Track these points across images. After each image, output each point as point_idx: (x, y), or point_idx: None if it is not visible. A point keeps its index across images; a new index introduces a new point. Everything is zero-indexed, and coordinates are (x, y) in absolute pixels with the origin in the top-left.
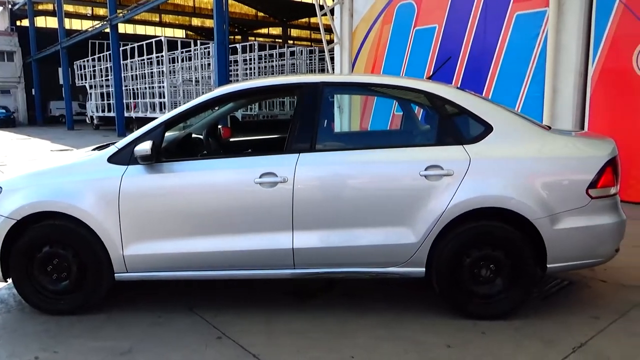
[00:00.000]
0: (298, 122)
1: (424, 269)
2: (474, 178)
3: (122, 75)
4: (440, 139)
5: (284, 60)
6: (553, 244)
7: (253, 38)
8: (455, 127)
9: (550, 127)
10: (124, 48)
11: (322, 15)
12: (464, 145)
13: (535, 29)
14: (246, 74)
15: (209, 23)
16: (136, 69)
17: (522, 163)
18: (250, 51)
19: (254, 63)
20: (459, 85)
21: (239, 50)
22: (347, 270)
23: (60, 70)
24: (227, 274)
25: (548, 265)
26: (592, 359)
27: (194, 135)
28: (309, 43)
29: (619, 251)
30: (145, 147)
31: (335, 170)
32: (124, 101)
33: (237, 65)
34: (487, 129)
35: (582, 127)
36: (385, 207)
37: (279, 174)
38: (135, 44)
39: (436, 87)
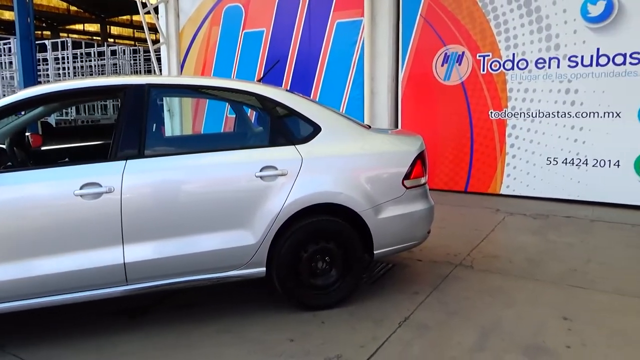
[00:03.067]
0: (123, 126)
1: (264, 269)
2: (307, 176)
3: None
4: (273, 140)
5: (104, 59)
6: (378, 232)
7: (66, 34)
8: (286, 128)
9: (370, 126)
10: None
11: (145, 14)
12: (296, 146)
13: (354, 36)
14: (59, 74)
15: (8, 15)
16: None
17: (348, 160)
18: (63, 49)
19: (68, 62)
20: (288, 88)
21: (49, 47)
22: (186, 279)
23: None
24: (47, 301)
25: (375, 252)
26: (414, 330)
27: None
28: (133, 42)
29: (430, 233)
30: None
31: (167, 176)
32: None
33: (46, 64)
34: (316, 129)
35: (396, 125)
36: (222, 211)
37: (104, 184)
38: None
39: (266, 90)
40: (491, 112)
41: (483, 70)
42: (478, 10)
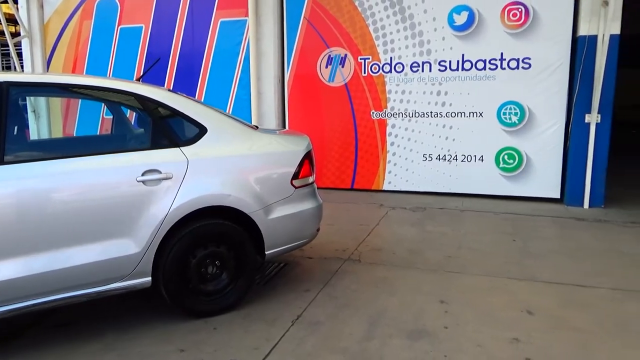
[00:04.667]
0: None
1: (150, 278)
2: (193, 179)
3: None
4: (155, 142)
5: None
6: (269, 233)
7: None
8: (170, 130)
9: (257, 127)
10: None
11: (1, 3)
12: (181, 148)
13: (239, 36)
14: None
15: None
16: None
17: (236, 161)
18: None
19: None
20: (171, 88)
21: None
22: (60, 296)
23: None
24: None
25: (266, 253)
26: (307, 327)
27: None
28: None
29: (319, 230)
30: None
31: (33, 185)
32: None
33: None
34: (202, 130)
35: (284, 126)
36: (100, 220)
37: None
38: None
39: (147, 89)
40: (373, 113)
41: (364, 73)
42: (358, 15)
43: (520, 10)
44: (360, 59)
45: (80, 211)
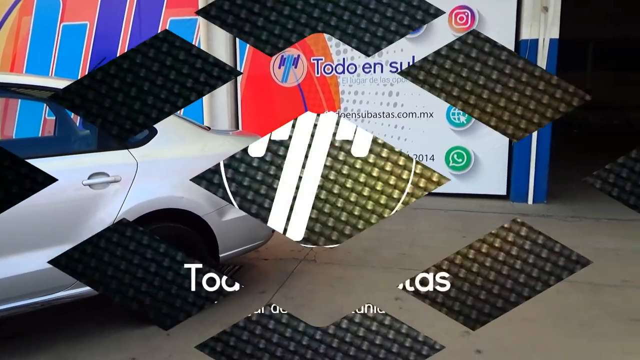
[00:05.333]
0: None
1: None
2: (144, 182)
3: None
4: (102, 144)
5: None
6: (222, 235)
7: None
8: None
9: (210, 128)
10: None
11: None
12: (130, 150)
13: (189, 35)
14: None
15: None
16: None
17: (188, 163)
18: None
19: None
20: None
21: None
22: (5, 307)
23: None
24: None
25: (220, 255)
26: None
27: None
28: None
29: (275, 231)
30: None
31: None
32: None
33: None
34: (151, 131)
35: (237, 127)
36: (45, 226)
37: None
38: None
39: None
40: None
41: (317, 73)
42: None
43: (466, 14)
44: (313, 59)
45: (23, 217)
